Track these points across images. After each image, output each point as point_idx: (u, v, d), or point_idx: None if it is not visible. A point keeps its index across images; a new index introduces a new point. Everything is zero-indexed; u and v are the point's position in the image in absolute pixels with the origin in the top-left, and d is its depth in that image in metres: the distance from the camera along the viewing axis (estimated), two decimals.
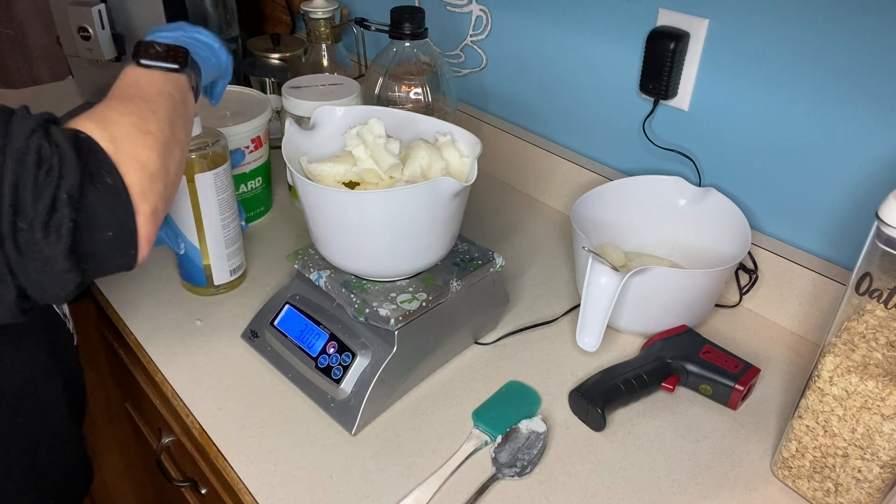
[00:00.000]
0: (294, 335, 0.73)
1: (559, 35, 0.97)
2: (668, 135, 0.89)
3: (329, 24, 1.13)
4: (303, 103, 0.92)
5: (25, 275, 0.45)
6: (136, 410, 1.04)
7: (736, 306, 0.86)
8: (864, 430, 0.56)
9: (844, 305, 0.55)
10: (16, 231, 0.43)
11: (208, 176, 0.76)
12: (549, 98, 1.03)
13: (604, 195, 0.87)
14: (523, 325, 0.82)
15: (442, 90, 0.96)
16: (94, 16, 1.12)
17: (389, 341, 0.68)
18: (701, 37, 0.81)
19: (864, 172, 0.73)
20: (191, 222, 0.78)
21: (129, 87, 0.56)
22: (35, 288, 0.46)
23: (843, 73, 0.71)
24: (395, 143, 0.69)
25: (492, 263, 0.76)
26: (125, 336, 0.81)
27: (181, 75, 0.59)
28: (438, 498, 0.62)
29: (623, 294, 0.73)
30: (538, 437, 0.67)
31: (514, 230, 1.00)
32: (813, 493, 0.62)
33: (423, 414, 0.70)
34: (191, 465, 0.83)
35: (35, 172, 0.43)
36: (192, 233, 0.79)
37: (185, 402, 0.71)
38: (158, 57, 0.58)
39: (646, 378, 0.71)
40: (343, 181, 0.70)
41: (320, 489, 0.62)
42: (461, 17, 1.10)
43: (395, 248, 0.67)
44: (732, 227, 0.81)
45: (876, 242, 0.51)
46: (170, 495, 1.05)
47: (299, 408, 0.70)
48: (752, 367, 0.71)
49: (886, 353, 0.54)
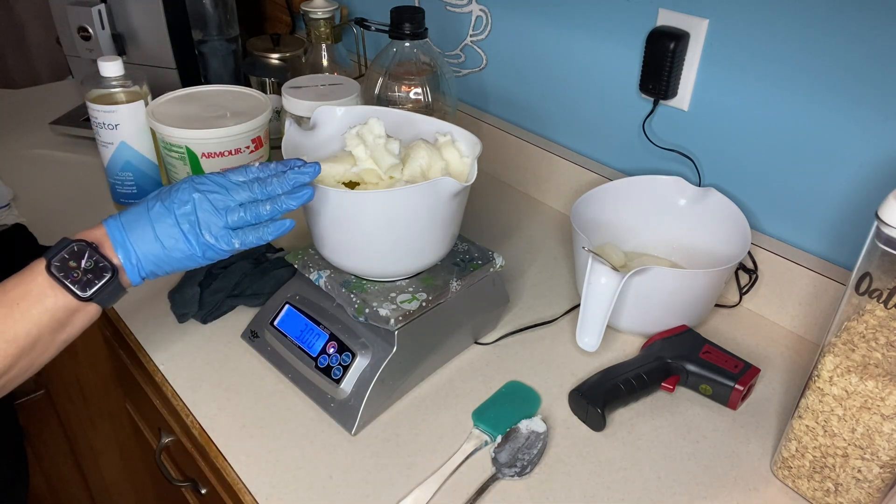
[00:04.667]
0: (294, 335, 0.73)
1: (559, 35, 0.97)
2: (668, 135, 0.89)
3: (329, 24, 1.13)
4: (303, 103, 0.92)
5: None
6: (136, 410, 1.04)
7: (736, 306, 0.86)
8: (864, 430, 0.56)
9: (844, 305, 0.55)
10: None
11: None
12: (549, 98, 1.03)
13: (604, 195, 0.87)
14: (523, 325, 0.82)
15: (442, 90, 0.96)
16: (94, 16, 1.12)
17: (389, 341, 0.68)
18: (701, 37, 0.81)
19: (864, 172, 0.73)
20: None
21: (6, 303, 0.54)
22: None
23: (843, 74, 0.71)
24: (395, 143, 0.69)
25: (492, 263, 0.76)
26: (125, 336, 0.81)
27: (79, 303, 0.56)
28: (438, 498, 0.62)
29: (623, 294, 0.73)
30: (538, 437, 0.67)
31: (514, 230, 1.00)
32: (813, 493, 0.62)
33: (423, 414, 0.70)
34: (191, 464, 0.83)
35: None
36: (150, 152, 0.92)
37: (185, 402, 0.71)
38: (72, 266, 0.55)
39: (646, 378, 0.71)
40: (343, 181, 0.70)
41: (320, 489, 0.62)
42: (461, 17, 1.10)
43: (395, 248, 0.67)
44: (732, 227, 0.81)
45: (876, 242, 0.51)
46: (170, 495, 1.05)
47: (299, 408, 0.70)
48: (752, 367, 0.71)
49: (886, 353, 0.54)
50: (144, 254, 0.58)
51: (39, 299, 0.55)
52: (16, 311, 0.54)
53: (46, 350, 0.57)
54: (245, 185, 0.60)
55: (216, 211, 0.58)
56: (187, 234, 0.58)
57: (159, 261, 0.58)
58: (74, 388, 1.22)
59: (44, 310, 0.55)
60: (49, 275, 0.55)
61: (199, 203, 0.58)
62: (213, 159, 0.89)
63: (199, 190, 0.58)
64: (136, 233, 0.58)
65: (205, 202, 0.58)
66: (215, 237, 0.58)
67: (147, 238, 0.58)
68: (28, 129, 1.24)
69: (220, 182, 0.59)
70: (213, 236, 0.58)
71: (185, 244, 0.58)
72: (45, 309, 0.55)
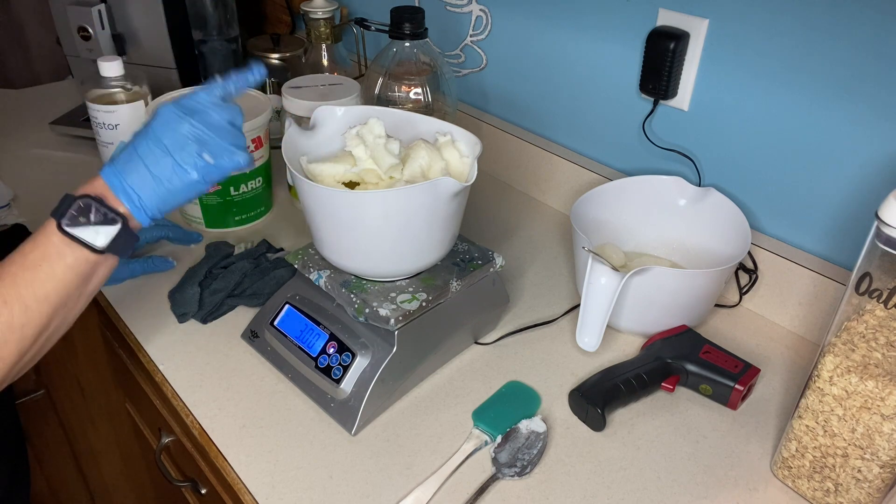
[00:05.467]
0: (294, 335, 0.73)
1: (559, 35, 0.97)
2: (668, 135, 0.89)
3: (329, 24, 1.13)
4: (303, 103, 0.92)
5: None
6: (136, 410, 1.04)
7: (736, 306, 0.86)
8: (864, 430, 0.56)
9: (844, 305, 0.55)
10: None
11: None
12: (549, 98, 1.03)
13: (604, 195, 0.87)
14: (523, 325, 0.82)
15: (442, 90, 0.96)
16: (94, 16, 1.12)
17: (389, 341, 0.68)
18: (701, 37, 0.81)
19: (864, 172, 0.73)
20: None
21: (29, 266, 0.55)
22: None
23: (843, 73, 0.71)
24: (395, 143, 0.69)
25: (492, 263, 0.76)
26: (125, 336, 0.81)
27: (98, 256, 0.57)
28: (438, 498, 0.62)
29: (623, 294, 0.73)
30: (538, 437, 0.67)
31: (514, 230, 1.00)
32: (813, 493, 0.62)
33: (423, 414, 0.70)
34: (191, 465, 0.83)
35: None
36: None
37: (185, 402, 0.71)
38: (82, 222, 0.55)
39: (646, 378, 0.71)
40: (343, 181, 0.70)
41: (320, 489, 0.62)
42: (461, 17, 1.10)
43: (395, 248, 0.67)
44: (732, 227, 0.81)
45: (876, 242, 0.51)
46: (170, 495, 1.05)
47: (299, 408, 0.70)
48: (751, 367, 0.71)
49: (886, 353, 0.54)
50: (147, 194, 0.57)
51: (60, 258, 0.55)
52: (40, 272, 0.55)
53: (77, 304, 0.59)
54: (219, 99, 0.59)
55: (205, 129, 0.57)
56: (182, 163, 0.57)
57: (162, 196, 0.58)
58: (74, 388, 1.22)
59: (66, 267, 0.56)
60: (63, 234, 0.55)
61: (182, 127, 0.57)
62: None
63: (179, 115, 0.57)
64: (132, 176, 0.57)
65: (186, 124, 0.57)
66: (212, 154, 0.58)
67: (144, 178, 0.57)
68: (28, 129, 1.24)
69: (196, 102, 0.58)
70: (211, 153, 0.58)
71: (181, 172, 0.57)
72: (67, 266, 0.56)
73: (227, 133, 0.59)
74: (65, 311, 0.57)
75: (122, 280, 0.85)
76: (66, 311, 0.58)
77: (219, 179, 0.60)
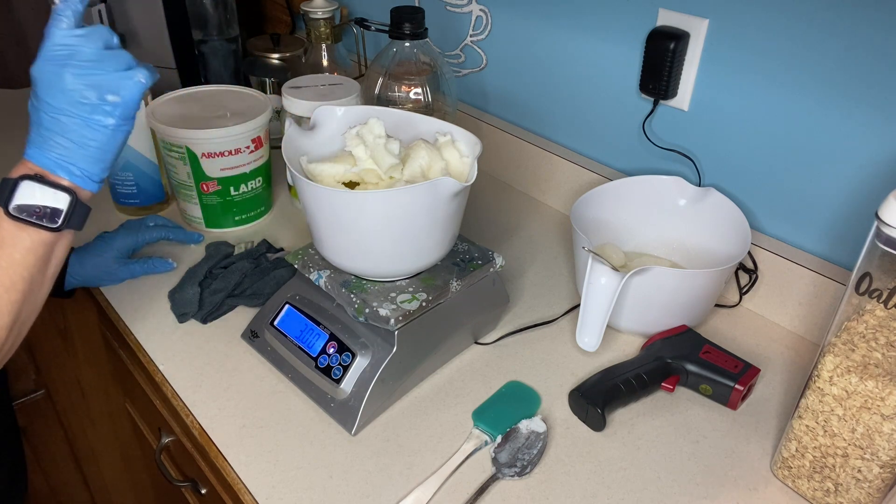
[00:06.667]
0: (294, 335, 0.73)
1: (559, 35, 0.97)
2: (668, 135, 0.89)
3: (329, 24, 1.13)
4: (303, 103, 0.92)
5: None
6: (136, 410, 1.04)
7: (736, 306, 0.86)
8: (864, 430, 0.56)
9: (844, 305, 0.55)
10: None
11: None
12: (549, 98, 1.03)
13: (604, 195, 0.87)
14: (523, 325, 0.82)
15: (442, 90, 0.96)
16: (93, 16, 1.12)
17: (389, 341, 0.68)
18: (701, 37, 0.81)
19: (864, 172, 0.73)
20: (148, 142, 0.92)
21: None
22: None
23: (843, 74, 0.71)
24: (395, 143, 0.69)
25: (492, 263, 0.76)
26: (125, 336, 0.81)
27: (55, 234, 0.55)
28: (438, 498, 0.62)
29: (623, 294, 0.73)
30: (538, 437, 0.67)
31: (514, 230, 1.00)
32: (813, 493, 0.62)
33: (423, 414, 0.70)
34: (191, 465, 0.83)
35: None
36: (150, 152, 0.93)
37: (185, 402, 0.71)
38: (31, 205, 0.53)
39: (646, 378, 0.71)
40: (343, 181, 0.70)
41: (320, 489, 0.62)
42: (461, 17, 1.10)
43: (395, 248, 0.67)
44: (732, 227, 0.81)
45: (876, 242, 0.51)
46: (170, 495, 1.05)
47: (299, 408, 0.70)
48: (751, 367, 0.71)
49: (886, 353, 0.54)
50: (80, 163, 0.55)
51: (17, 243, 0.54)
52: (0, 262, 0.54)
53: (42, 287, 0.58)
54: (75, 29, 0.54)
55: (88, 70, 0.54)
56: (90, 117, 0.54)
57: (96, 157, 0.56)
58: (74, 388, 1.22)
59: (25, 251, 0.55)
60: (13, 219, 0.54)
61: (65, 81, 0.54)
62: (213, 159, 0.89)
63: (55, 70, 0.53)
64: (56, 151, 0.55)
65: (67, 76, 0.54)
66: (112, 90, 0.54)
67: (68, 148, 0.55)
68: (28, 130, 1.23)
69: (59, 45, 0.54)
70: (110, 91, 0.54)
71: (96, 126, 0.55)
72: (26, 250, 0.55)
73: (111, 60, 0.55)
74: (32, 297, 0.57)
75: (122, 280, 0.85)
76: (34, 297, 0.57)
77: (136, 108, 0.57)
